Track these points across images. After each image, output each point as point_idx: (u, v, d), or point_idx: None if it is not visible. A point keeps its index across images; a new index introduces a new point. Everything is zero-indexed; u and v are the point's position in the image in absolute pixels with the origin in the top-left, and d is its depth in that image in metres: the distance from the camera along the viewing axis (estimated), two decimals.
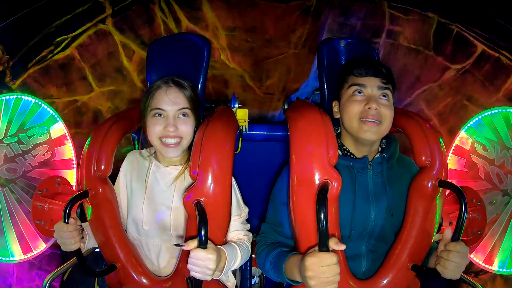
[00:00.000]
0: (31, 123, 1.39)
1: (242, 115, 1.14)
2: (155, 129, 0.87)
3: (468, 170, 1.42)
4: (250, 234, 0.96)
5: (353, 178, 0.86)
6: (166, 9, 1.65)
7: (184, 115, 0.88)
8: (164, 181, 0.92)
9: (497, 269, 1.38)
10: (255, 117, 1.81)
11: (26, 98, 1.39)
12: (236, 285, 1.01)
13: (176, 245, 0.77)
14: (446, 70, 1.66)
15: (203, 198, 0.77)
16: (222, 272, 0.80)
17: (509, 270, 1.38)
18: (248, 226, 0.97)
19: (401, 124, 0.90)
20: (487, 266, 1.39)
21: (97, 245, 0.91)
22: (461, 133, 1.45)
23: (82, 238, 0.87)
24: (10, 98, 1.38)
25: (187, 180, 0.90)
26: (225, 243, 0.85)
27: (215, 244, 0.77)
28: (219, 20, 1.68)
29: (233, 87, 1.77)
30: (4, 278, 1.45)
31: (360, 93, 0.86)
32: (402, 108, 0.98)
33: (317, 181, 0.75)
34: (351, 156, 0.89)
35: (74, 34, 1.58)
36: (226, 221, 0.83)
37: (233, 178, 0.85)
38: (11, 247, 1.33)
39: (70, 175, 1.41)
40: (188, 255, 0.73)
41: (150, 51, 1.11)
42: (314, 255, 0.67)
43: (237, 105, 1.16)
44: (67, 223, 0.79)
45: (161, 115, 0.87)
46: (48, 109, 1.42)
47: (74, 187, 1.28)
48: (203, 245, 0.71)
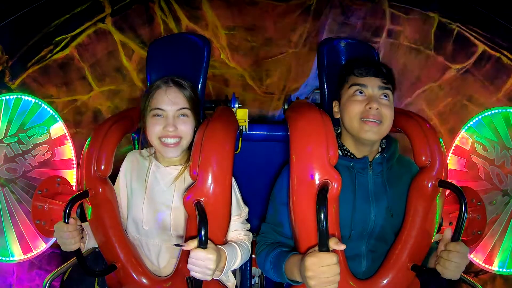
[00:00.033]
0: (31, 123, 1.39)
1: (242, 115, 1.14)
2: (154, 129, 0.87)
3: (468, 170, 1.42)
4: (250, 234, 0.96)
5: (353, 178, 0.86)
6: (166, 8, 1.65)
7: (184, 115, 0.88)
8: (164, 181, 0.92)
9: (497, 269, 1.38)
10: (255, 117, 1.81)
11: (26, 98, 1.39)
12: (236, 285, 1.01)
13: (176, 245, 0.77)
14: (447, 70, 1.66)
15: (203, 198, 0.77)
16: (222, 272, 0.80)
17: (509, 270, 1.38)
18: (248, 225, 0.97)
19: (401, 124, 0.90)
20: (487, 266, 1.39)
21: (97, 245, 0.91)
22: (461, 133, 1.45)
23: (82, 238, 0.87)
24: (10, 98, 1.38)
25: (187, 180, 0.90)
26: (225, 243, 0.85)
27: (215, 244, 0.77)
28: (219, 19, 1.68)
29: (233, 86, 1.77)
30: (4, 278, 1.45)
31: (361, 93, 0.86)
32: (402, 108, 0.98)
33: (317, 181, 0.75)
34: (351, 156, 0.89)
35: (73, 33, 1.57)
36: (226, 221, 0.83)
37: (233, 178, 0.85)
38: (11, 247, 1.33)
39: (70, 175, 1.41)
40: (188, 255, 0.73)
41: (150, 51, 1.11)
42: (314, 255, 0.67)
43: (237, 105, 1.16)
44: (67, 223, 0.79)
45: (161, 115, 0.87)
46: (48, 109, 1.41)
47: (74, 187, 1.29)
48: (203, 245, 0.71)
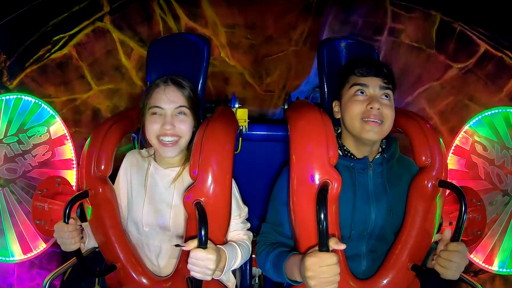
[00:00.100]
0: (31, 123, 1.38)
1: (242, 115, 1.14)
2: (153, 128, 0.87)
3: (468, 170, 1.42)
4: (250, 233, 0.96)
5: (354, 178, 0.86)
6: (165, 6, 1.63)
7: (182, 113, 0.88)
8: (163, 183, 0.92)
9: (497, 269, 1.38)
10: (255, 115, 1.80)
11: (26, 98, 1.38)
12: (236, 285, 1.01)
13: (176, 246, 0.77)
14: (448, 69, 1.64)
15: (203, 198, 0.77)
16: (223, 272, 0.80)
17: (509, 270, 1.38)
18: (248, 225, 0.97)
19: (401, 124, 0.90)
20: (487, 266, 1.39)
21: (97, 245, 0.91)
22: (461, 133, 1.44)
23: (82, 238, 0.87)
24: (10, 98, 1.37)
25: (185, 181, 0.90)
26: (225, 242, 0.85)
27: (215, 244, 0.77)
28: (219, 17, 1.66)
29: (233, 84, 1.76)
30: (4, 278, 1.46)
31: (362, 93, 0.85)
32: (402, 108, 0.97)
33: (317, 181, 0.75)
34: (352, 156, 0.89)
35: (71, 32, 1.56)
36: (226, 221, 0.83)
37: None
38: (11, 247, 1.33)
39: (70, 175, 1.41)
40: (188, 255, 0.73)
41: (150, 51, 1.11)
42: (314, 255, 0.68)
43: (237, 105, 1.16)
44: (67, 223, 0.79)
45: (159, 114, 0.87)
46: (48, 109, 1.41)
47: (74, 187, 1.28)
48: (203, 245, 0.71)
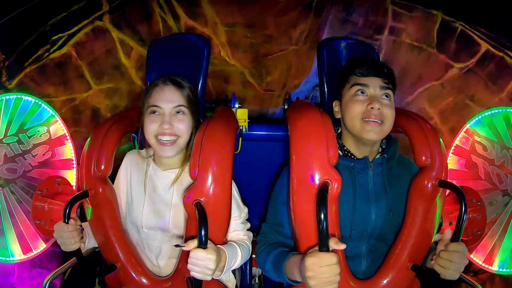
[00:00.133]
0: (31, 123, 1.38)
1: (242, 115, 1.14)
2: (151, 127, 0.87)
3: (468, 170, 1.41)
4: (250, 234, 0.96)
5: (354, 178, 0.86)
6: (164, 5, 1.63)
7: (180, 112, 0.88)
8: (162, 184, 0.92)
9: (497, 269, 1.38)
10: (256, 114, 1.80)
11: (26, 98, 1.38)
12: (236, 285, 1.01)
13: (176, 246, 0.77)
14: (449, 69, 1.64)
15: (203, 198, 0.77)
16: (223, 272, 0.80)
17: (509, 270, 1.38)
18: (248, 225, 0.97)
19: (401, 124, 0.90)
20: (487, 266, 1.39)
21: (97, 245, 0.92)
22: (461, 133, 1.44)
23: (82, 238, 0.87)
24: (10, 98, 1.37)
25: (184, 182, 0.90)
26: (225, 243, 0.85)
27: (215, 244, 0.77)
28: (219, 15, 1.65)
29: (233, 83, 1.76)
30: (5, 278, 1.46)
31: (363, 93, 0.85)
32: (402, 108, 0.97)
33: (317, 181, 0.75)
34: (352, 156, 0.89)
35: (70, 32, 1.55)
36: (226, 221, 0.83)
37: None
38: (11, 247, 1.33)
39: (70, 175, 1.40)
40: (188, 255, 0.73)
41: (150, 51, 1.11)
42: (314, 255, 0.68)
43: (237, 105, 1.16)
44: (67, 223, 0.79)
45: (158, 113, 0.87)
46: (48, 109, 1.41)
47: (74, 187, 1.28)
48: (203, 245, 0.71)
